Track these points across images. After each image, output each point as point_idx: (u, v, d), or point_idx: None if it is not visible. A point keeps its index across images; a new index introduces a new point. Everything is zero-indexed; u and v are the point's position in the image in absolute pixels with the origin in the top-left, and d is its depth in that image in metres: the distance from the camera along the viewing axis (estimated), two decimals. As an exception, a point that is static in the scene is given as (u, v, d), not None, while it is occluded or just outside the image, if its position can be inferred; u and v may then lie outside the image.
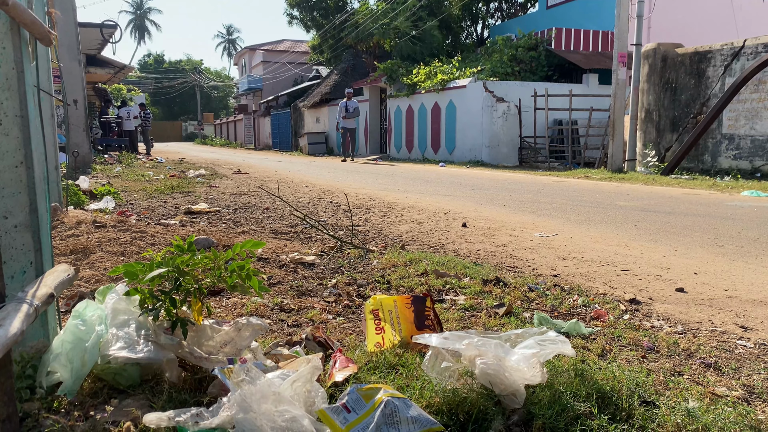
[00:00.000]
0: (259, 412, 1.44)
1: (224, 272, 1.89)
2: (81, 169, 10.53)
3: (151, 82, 60.03)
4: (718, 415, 1.65)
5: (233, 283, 1.90)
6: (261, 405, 1.45)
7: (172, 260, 1.87)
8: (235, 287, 1.95)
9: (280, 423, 1.44)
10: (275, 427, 1.43)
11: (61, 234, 4.11)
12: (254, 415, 1.43)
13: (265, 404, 1.46)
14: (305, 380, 1.57)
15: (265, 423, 1.43)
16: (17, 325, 1.37)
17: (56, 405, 1.72)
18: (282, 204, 6.98)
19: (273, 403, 1.47)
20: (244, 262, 1.92)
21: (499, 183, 10.62)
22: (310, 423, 1.46)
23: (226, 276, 1.88)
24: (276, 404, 1.47)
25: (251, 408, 1.44)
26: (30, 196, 1.78)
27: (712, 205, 7.18)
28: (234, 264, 1.90)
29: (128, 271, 1.85)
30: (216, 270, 1.88)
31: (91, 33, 13.59)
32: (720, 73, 11.41)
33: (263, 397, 1.46)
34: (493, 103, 17.12)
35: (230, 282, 1.88)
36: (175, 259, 1.85)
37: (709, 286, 3.47)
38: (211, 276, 1.92)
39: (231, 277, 1.88)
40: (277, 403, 1.48)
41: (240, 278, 1.94)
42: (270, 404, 1.47)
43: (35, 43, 1.90)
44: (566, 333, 2.48)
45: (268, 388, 1.49)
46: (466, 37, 29.48)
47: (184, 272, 1.88)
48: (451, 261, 3.88)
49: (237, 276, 1.91)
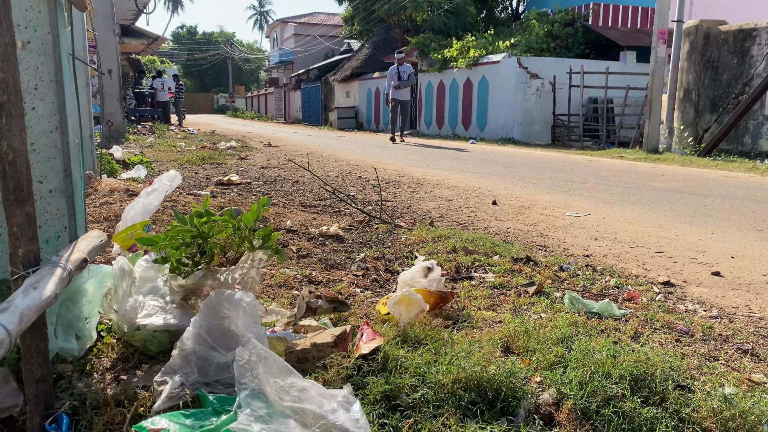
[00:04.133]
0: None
1: (246, 231, 1.89)
2: (115, 139, 10.67)
3: (183, 53, 60.42)
4: (756, 401, 1.60)
5: (254, 244, 1.90)
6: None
7: (191, 219, 1.86)
8: (255, 248, 1.94)
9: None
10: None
11: (94, 201, 4.17)
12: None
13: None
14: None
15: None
16: (51, 288, 1.38)
17: (89, 368, 1.75)
18: (311, 178, 6.98)
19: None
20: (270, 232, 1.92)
21: (531, 161, 10.46)
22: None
23: (248, 236, 1.88)
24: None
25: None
26: (65, 162, 1.79)
27: (751, 188, 6.97)
28: (261, 231, 1.90)
29: (149, 239, 1.86)
30: (239, 231, 1.88)
31: (125, 3, 13.66)
32: (765, 52, 10.99)
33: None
34: (526, 79, 16.81)
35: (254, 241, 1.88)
36: (192, 219, 1.84)
37: (746, 270, 3.37)
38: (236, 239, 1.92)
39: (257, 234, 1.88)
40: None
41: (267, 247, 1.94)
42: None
43: (71, 9, 1.90)
44: (598, 313, 2.44)
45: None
46: (501, 12, 28.89)
47: (207, 237, 1.88)
48: (480, 238, 3.84)
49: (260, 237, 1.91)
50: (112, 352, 1.85)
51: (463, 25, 23.85)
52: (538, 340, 1.93)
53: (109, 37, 11.18)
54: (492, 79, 18.03)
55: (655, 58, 12.14)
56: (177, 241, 1.82)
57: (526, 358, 1.80)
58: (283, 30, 47.26)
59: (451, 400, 1.57)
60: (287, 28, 46.09)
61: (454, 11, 24.06)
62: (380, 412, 1.55)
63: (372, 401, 1.58)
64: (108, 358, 1.82)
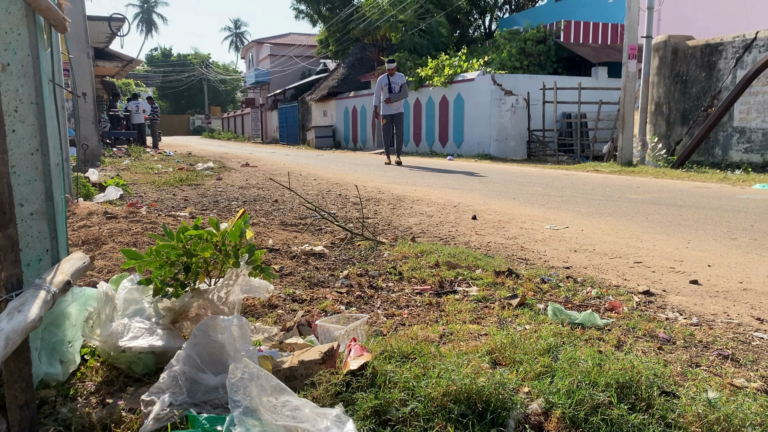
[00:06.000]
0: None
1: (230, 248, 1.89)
2: (90, 162, 10.56)
3: (158, 75, 60.18)
4: (739, 405, 1.63)
5: (239, 260, 1.89)
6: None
7: (177, 235, 1.85)
8: (238, 265, 1.94)
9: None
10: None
11: (72, 225, 4.12)
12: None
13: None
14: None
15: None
16: (36, 311, 1.36)
17: (73, 392, 1.72)
18: (291, 197, 6.97)
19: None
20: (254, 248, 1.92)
21: (508, 176, 10.57)
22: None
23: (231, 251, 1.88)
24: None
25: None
26: (45, 184, 1.77)
27: (723, 198, 7.13)
28: (245, 248, 1.90)
29: (137, 258, 1.84)
30: (223, 247, 1.87)
31: (99, 26, 13.62)
32: (731, 66, 11.30)
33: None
34: (501, 96, 17.04)
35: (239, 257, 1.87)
36: (179, 234, 1.83)
37: (723, 278, 3.43)
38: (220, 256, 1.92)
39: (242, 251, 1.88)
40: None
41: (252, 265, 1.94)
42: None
43: (50, 30, 1.89)
44: (581, 324, 2.47)
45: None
46: (474, 31, 29.38)
47: (192, 254, 1.87)
48: (462, 253, 3.86)
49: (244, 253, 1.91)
50: (96, 375, 1.83)
51: (437, 44, 24.17)
52: (525, 351, 1.95)
53: (83, 60, 11.10)
54: (467, 96, 18.25)
55: (626, 73, 12.40)
56: (161, 258, 1.81)
57: (513, 369, 1.81)
58: (258, 51, 47.37)
59: (441, 413, 1.57)
60: (263, 49, 46.21)
61: (428, 30, 24.37)
62: (371, 427, 1.55)
63: (362, 417, 1.58)
64: (92, 382, 1.79)
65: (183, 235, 1.82)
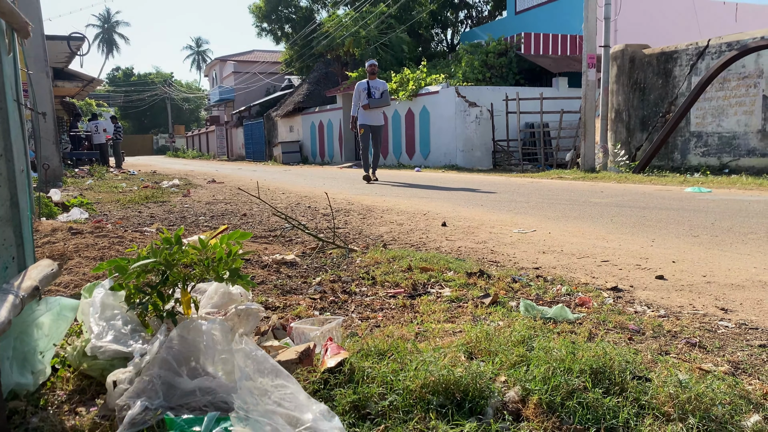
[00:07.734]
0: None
1: (212, 262, 1.87)
2: (52, 183, 10.33)
3: (120, 95, 59.38)
4: (709, 385, 1.68)
5: (222, 274, 1.88)
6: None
7: (159, 252, 1.84)
8: (222, 279, 1.93)
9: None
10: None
11: (36, 241, 4.02)
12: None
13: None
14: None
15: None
16: (4, 314, 1.34)
17: (43, 402, 1.68)
18: (259, 210, 6.93)
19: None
20: (234, 252, 1.91)
21: (475, 185, 10.69)
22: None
23: (214, 266, 1.86)
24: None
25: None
26: (11, 190, 1.74)
27: (684, 199, 7.32)
28: (221, 252, 1.88)
29: (118, 265, 1.81)
30: (205, 261, 1.85)
31: (58, 46, 13.38)
32: (686, 73, 11.67)
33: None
34: (465, 108, 17.26)
35: (220, 272, 1.86)
36: (162, 251, 1.82)
37: (687, 273, 3.53)
38: (199, 268, 1.90)
39: (219, 267, 1.86)
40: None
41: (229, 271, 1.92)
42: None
43: (12, 35, 1.87)
44: (553, 318, 2.50)
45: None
46: (436, 45, 29.76)
47: (171, 264, 1.85)
48: (433, 257, 3.89)
49: (226, 267, 1.89)
50: (67, 384, 1.78)
51: (399, 59, 24.40)
52: (499, 343, 1.97)
53: (42, 79, 10.89)
54: (432, 108, 18.44)
55: (586, 82, 12.70)
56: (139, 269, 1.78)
57: (489, 360, 1.83)
58: (222, 68, 47.13)
59: (420, 404, 1.58)
60: (226, 66, 46.00)
61: (390, 45, 24.59)
62: (350, 422, 1.55)
63: (341, 412, 1.58)
64: (63, 391, 1.75)
65: (167, 251, 1.80)
